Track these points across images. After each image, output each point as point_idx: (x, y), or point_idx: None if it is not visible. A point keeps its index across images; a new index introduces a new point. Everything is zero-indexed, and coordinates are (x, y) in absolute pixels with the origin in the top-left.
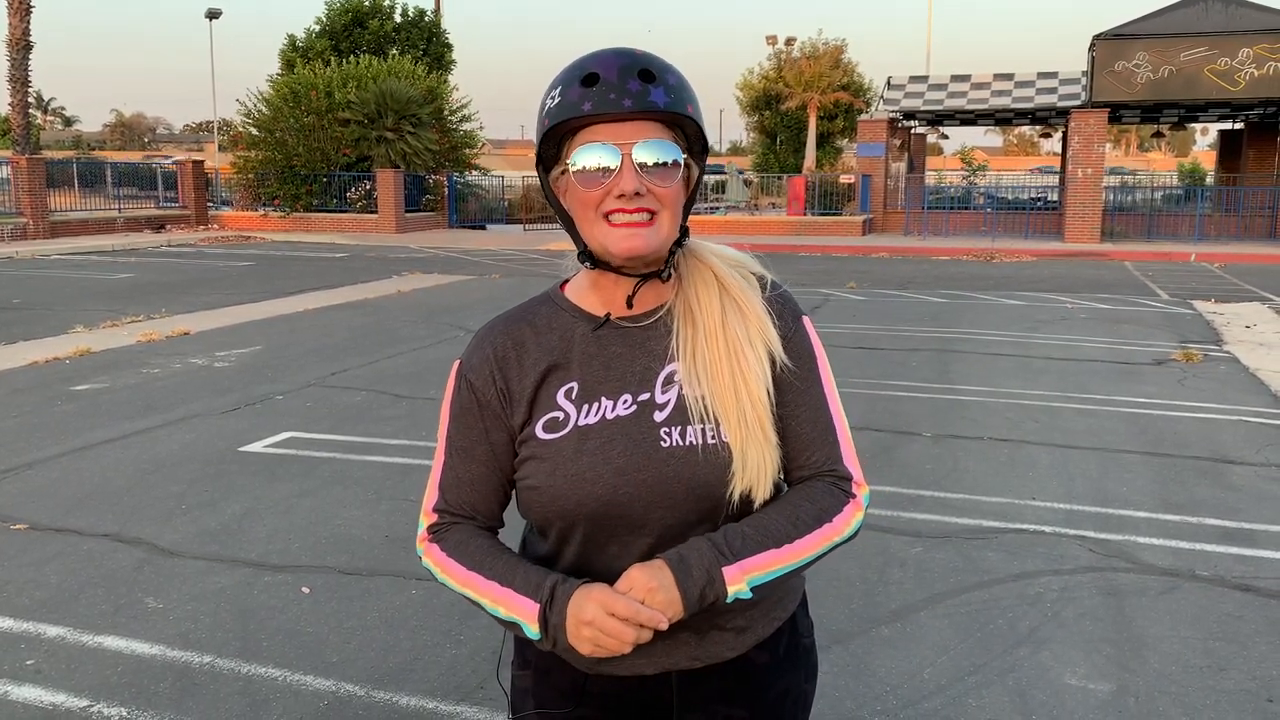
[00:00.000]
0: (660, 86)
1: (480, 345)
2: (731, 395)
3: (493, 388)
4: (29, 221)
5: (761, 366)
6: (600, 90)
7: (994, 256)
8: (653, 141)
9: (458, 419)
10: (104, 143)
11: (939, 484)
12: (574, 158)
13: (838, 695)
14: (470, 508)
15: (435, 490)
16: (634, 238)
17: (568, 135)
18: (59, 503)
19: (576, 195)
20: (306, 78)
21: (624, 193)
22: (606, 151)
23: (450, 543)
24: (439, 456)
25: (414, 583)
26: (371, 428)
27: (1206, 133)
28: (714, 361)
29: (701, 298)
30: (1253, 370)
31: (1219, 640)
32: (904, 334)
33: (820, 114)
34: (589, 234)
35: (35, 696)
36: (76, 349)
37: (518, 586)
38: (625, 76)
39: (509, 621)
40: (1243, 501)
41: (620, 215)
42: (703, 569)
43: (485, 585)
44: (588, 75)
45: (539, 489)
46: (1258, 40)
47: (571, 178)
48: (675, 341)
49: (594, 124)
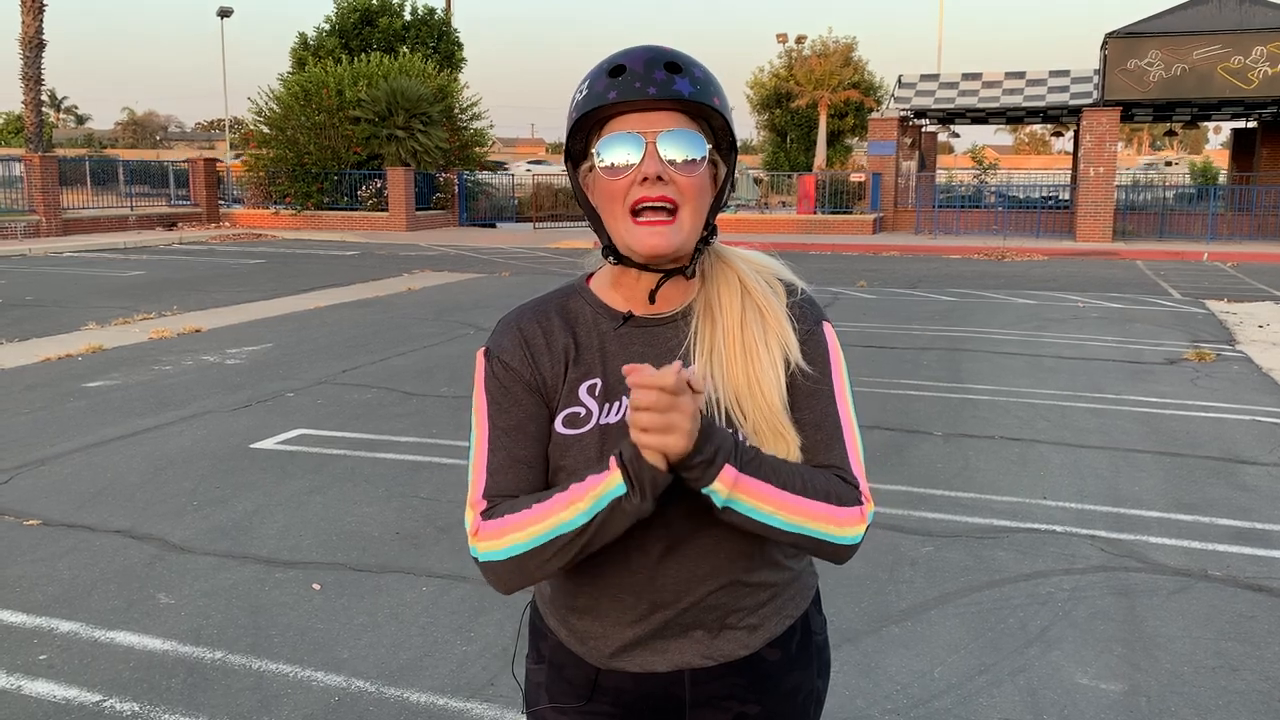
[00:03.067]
0: (686, 77)
1: (509, 329)
2: (747, 394)
3: (528, 366)
4: (41, 219)
5: (776, 371)
6: (626, 80)
7: (1005, 255)
8: (677, 131)
9: (498, 400)
10: (116, 140)
11: (950, 483)
12: (599, 146)
13: (848, 694)
14: (524, 488)
15: (482, 476)
16: (656, 235)
17: (596, 128)
18: (71, 499)
19: (602, 186)
20: (317, 76)
21: (646, 176)
22: (631, 139)
23: (501, 509)
24: (480, 444)
25: (425, 579)
26: (382, 425)
27: (1219, 131)
28: (730, 361)
29: (723, 298)
30: (1266, 370)
31: (1231, 640)
32: (915, 332)
33: (831, 112)
34: (615, 230)
35: (48, 691)
36: (88, 346)
37: (586, 478)
38: (651, 67)
39: (593, 513)
40: (1255, 502)
41: (645, 213)
42: (719, 443)
43: (551, 504)
44: (615, 67)
45: (559, 484)
46: (1271, 38)
47: (598, 168)
48: (693, 339)
49: (620, 115)
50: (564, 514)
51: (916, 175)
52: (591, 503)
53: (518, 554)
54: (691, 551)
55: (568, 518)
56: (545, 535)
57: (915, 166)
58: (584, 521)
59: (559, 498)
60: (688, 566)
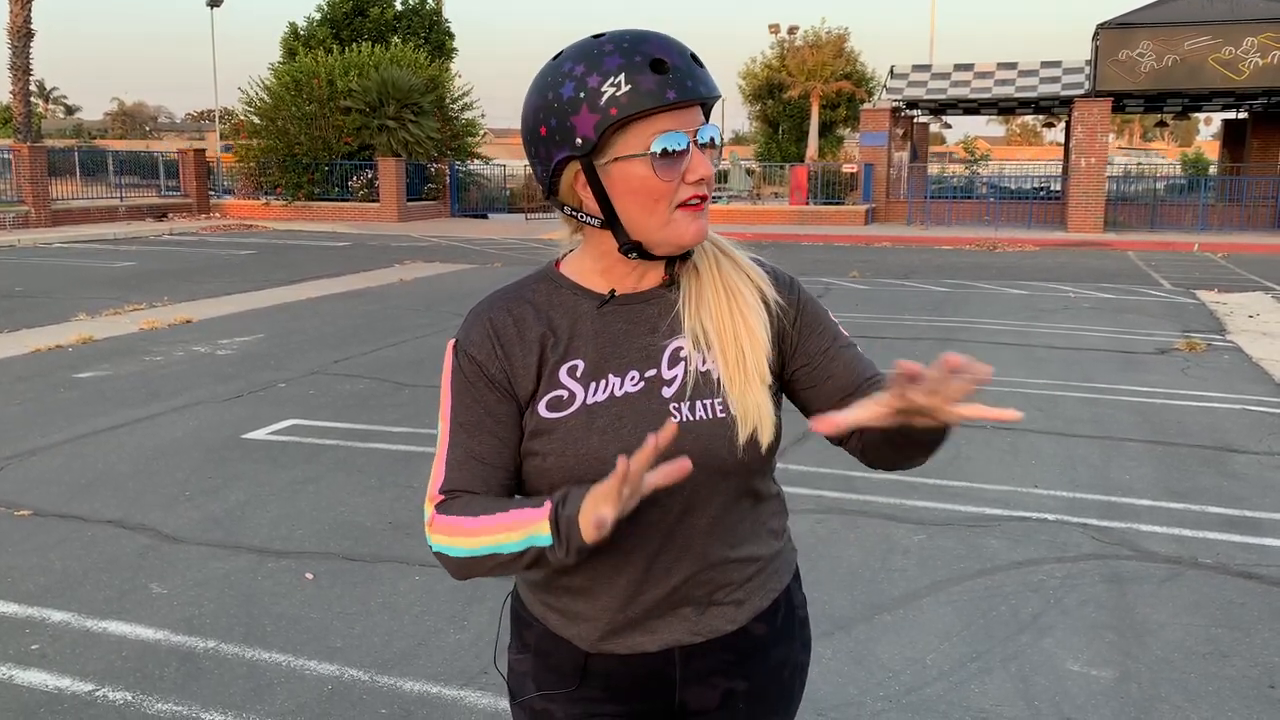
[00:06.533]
0: (706, 71)
1: (478, 320)
2: (731, 335)
3: (496, 361)
4: (31, 210)
5: (759, 310)
6: (677, 77)
7: (997, 246)
8: (709, 127)
9: (461, 395)
10: (105, 131)
11: (942, 472)
12: (654, 144)
13: (841, 681)
14: (481, 485)
15: (441, 470)
16: (698, 222)
17: (616, 124)
18: (63, 489)
19: (648, 185)
20: (308, 66)
21: (702, 177)
22: (679, 139)
23: (456, 506)
24: (443, 438)
25: (417, 569)
26: (374, 415)
27: (1210, 122)
28: (716, 305)
29: (700, 262)
30: (1256, 359)
31: (1221, 627)
32: (907, 323)
33: (823, 103)
34: (646, 226)
35: (40, 680)
36: (79, 336)
37: (528, 505)
38: (691, 62)
39: (524, 547)
40: (1246, 490)
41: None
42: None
43: (495, 522)
44: (655, 61)
45: (548, 468)
46: (1262, 29)
47: (654, 167)
48: (681, 301)
49: (663, 112)
50: (502, 536)
51: (908, 166)
52: (522, 538)
53: (464, 557)
54: (682, 529)
55: (504, 541)
56: (486, 549)
57: (907, 157)
58: (518, 550)
59: (502, 518)
60: (678, 544)
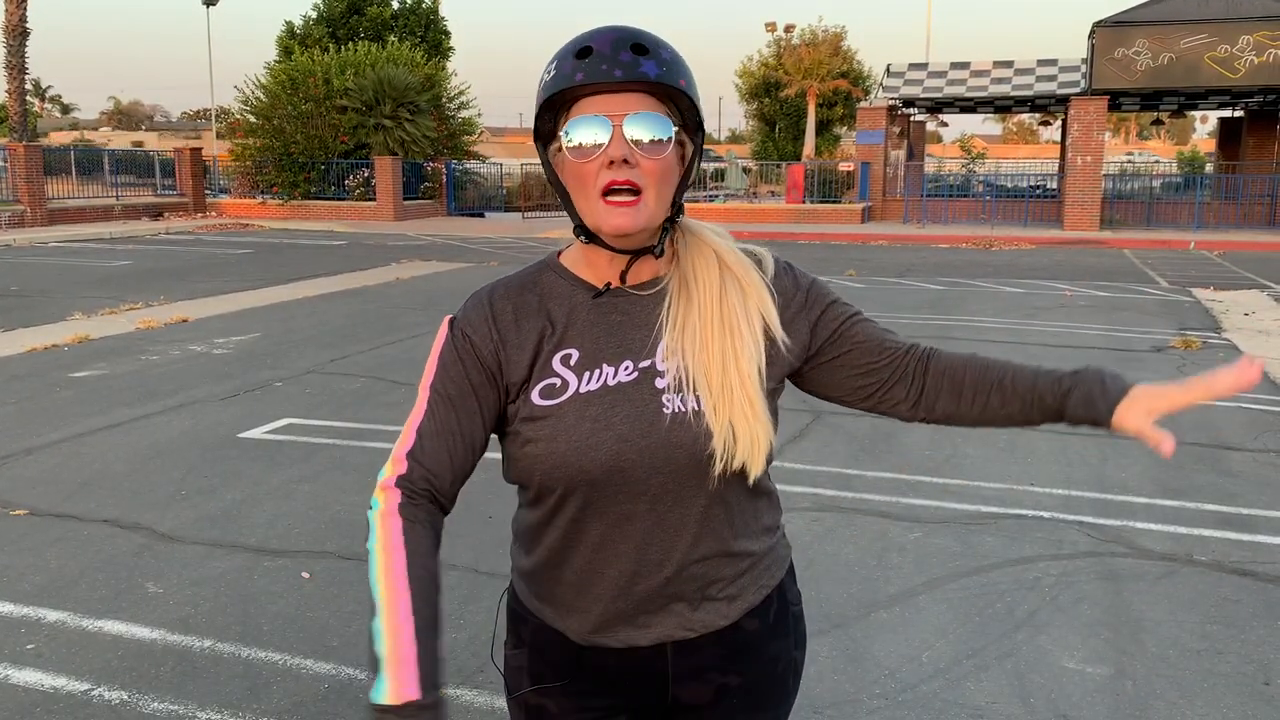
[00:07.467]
0: (652, 59)
1: (479, 303)
2: (719, 370)
3: (489, 344)
4: (26, 209)
5: (757, 345)
6: (593, 62)
7: (993, 244)
8: (644, 114)
9: (447, 366)
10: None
11: (938, 470)
12: (567, 128)
13: (836, 679)
14: (439, 465)
15: (412, 435)
16: (621, 215)
17: (564, 109)
18: (59, 488)
19: (571, 168)
20: (304, 64)
21: (612, 160)
22: (598, 122)
23: (411, 523)
24: (419, 405)
25: None
26: (371, 414)
27: (1206, 120)
28: (705, 337)
29: (699, 273)
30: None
31: (1216, 624)
32: (903, 321)
33: (819, 101)
34: (584, 210)
35: (36, 680)
36: (75, 336)
37: (421, 652)
38: (618, 49)
39: (375, 655)
40: (1241, 487)
41: (612, 194)
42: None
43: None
44: (582, 49)
45: (540, 455)
46: (1258, 27)
47: (565, 150)
48: (665, 315)
49: (588, 96)
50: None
51: (905, 164)
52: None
53: (370, 561)
54: (674, 521)
55: (384, 623)
56: (376, 598)
57: (904, 156)
58: (373, 647)
59: (394, 596)
60: (670, 536)
